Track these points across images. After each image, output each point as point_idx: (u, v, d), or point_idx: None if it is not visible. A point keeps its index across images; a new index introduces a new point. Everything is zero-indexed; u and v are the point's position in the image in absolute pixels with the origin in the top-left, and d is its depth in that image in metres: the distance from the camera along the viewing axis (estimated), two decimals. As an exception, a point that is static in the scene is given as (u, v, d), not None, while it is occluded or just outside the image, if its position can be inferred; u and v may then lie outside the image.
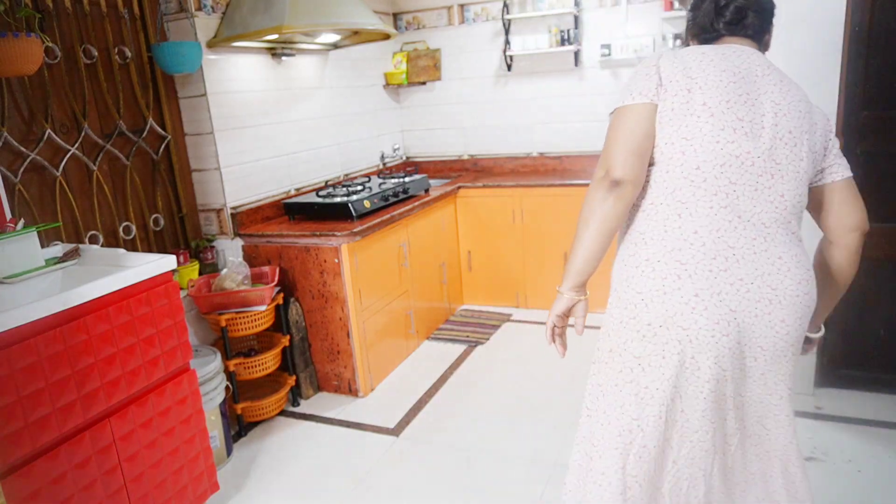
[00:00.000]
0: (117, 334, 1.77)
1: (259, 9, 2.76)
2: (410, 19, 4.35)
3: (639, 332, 1.35)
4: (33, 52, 1.96)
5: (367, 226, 2.90)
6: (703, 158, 1.29)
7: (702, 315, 1.28)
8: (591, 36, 3.90)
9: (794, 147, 1.30)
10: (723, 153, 1.28)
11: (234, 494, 2.33)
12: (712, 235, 1.29)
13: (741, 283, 1.28)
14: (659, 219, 1.34)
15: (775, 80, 1.33)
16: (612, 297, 1.45)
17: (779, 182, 1.30)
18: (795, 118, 1.31)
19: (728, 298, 1.28)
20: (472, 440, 2.58)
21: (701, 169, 1.29)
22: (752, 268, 1.28)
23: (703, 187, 1.29)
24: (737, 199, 1.29)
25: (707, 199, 1.29)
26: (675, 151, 1.31)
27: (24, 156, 2.25)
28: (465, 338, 3.61)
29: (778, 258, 1.30)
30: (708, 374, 1.31)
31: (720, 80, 1.30)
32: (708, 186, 1.29)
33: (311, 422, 2.83)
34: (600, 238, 1.36)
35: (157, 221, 2.78)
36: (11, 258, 1.88)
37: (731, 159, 1.28)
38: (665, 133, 1.32)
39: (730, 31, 1.41)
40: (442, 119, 4.45)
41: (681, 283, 1.29)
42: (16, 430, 1.52)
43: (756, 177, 1.29)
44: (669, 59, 1.34)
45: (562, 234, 3.78)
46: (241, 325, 2.63)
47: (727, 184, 1.28)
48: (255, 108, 3.11)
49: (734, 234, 1.29)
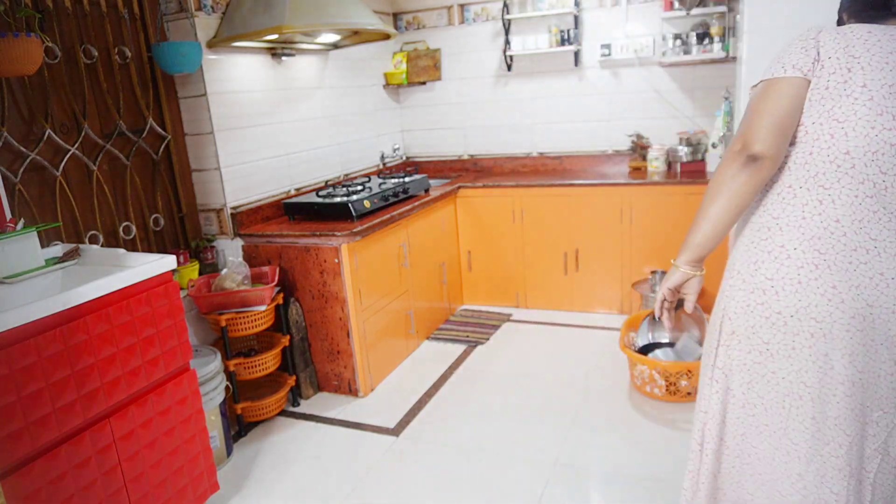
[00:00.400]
0: (117, 334, 1.77)
1: (259, 9, 2.76)
2: (410, 19, 4.35)
3: (768, 320, 1.30)
4: (33, 52, 1.96)
5: (367, 226, 2.90)
6: (855, 143, 1.22)
7: (838, 308, 1.23)
8: (591, 36, 3.90)
9: None
10: (877, 140, 1.21)
11: (234, 494, 2.33)
12: (854, 226, 1.22)
13: (881, 277, 1.22)
14: (797, 204, 1.28)
15: None
16: (736, 280, 1.38)
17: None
18: None
19: (866, 293, 1.22)
20: (472, 440, 2.58)
21: (850, 154, 1.22)
22: (894, 263, 1.22)
23: (850, 174, 1.22)
24: (885, 190, 1.22)
25: (853, 188, 1.23)
26: (822, 133, 1.25)
27: (24, 156, 2.25)
28: (465, 338, 3.61)
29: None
30: (843, 374, 1.25)
31: (886, 63, 1.21)
32: (856, 174, 1.22)
33: (311, 422, 2.83)
34: (727, 215, 1.31)
35: (157, 221, 2.78)
36: (11, 258, 1.88)
37: (886, 147, 1.21)
38: (814, 112, 1.26)
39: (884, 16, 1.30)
40: (442, 119, 4.45)
41: (818, 272, 1.24)
42: (16, 430, 1.52)
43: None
44: (832, 35, 1.26)
45: (562, 234, 3.78)
46: (241, 325, 2.63)
47: (877, 173, 1.21)
48: (255, 108, 3.11)
49: (878, 226, 1.22)
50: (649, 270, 3.59)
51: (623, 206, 3.59)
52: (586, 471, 2.32)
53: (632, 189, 3.55)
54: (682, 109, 3.82)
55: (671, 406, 2.69)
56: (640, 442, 2.46)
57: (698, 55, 3.54)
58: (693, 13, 3.49)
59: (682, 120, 3.83)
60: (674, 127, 3.84)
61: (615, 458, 2.38)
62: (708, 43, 3.52)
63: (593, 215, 3.67)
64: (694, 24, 3.63)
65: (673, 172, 3.68)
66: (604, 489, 2.23)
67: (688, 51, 3.59)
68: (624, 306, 3.77)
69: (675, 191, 3.45)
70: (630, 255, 3.66)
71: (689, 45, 3.58)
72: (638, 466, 2.31)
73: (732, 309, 1.37)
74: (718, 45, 3.47)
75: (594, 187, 3.64)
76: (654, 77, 3.83)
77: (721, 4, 3.45)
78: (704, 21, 3.59)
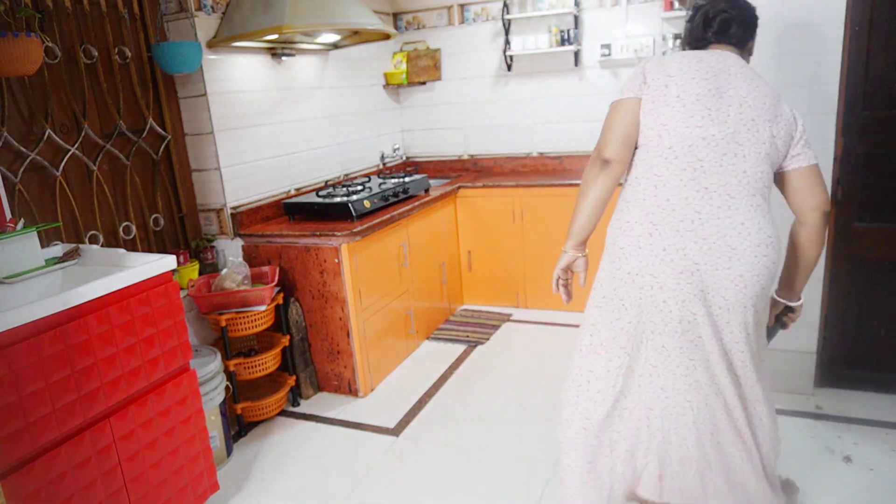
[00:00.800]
0: (117, 334, 1.77)
1: (259, 9, 2.76)
2: (410, 19, 4.35)
3: (622, 280, 1.65)
4: (33, 52, 1.96)
5: (367, 226, 2.90)
6: (675, 140, 1.57)
7: (668, 266, 1.57)
8: (591, 36, 3.90)
9: (756, 132, 1.55)
10: (691, 136, 1.56)
11: (234, 494, 2.33)
12: (681, 203, 1.56)
13: (704, 241, 1.55)
14: (639, 189, 1.63)
15: (746, 77, 1.58)
16: (604, 254, 1.74)
17: (741, 160, 1.55)
18: (759, 108, 1.55)
19: (692, 254, 1.55)
20: (472, 440, 2.58)
21: (672, 148, 1.58)
22: (716, 230, 1.54)
23: (674, 163, 1.57)
24: (703, 173, 1.56)
25: (678, 173, 1.57)
26: (653, 135, 1.60)
27: (24, 156, 2.25)
28: (465, 338, 3.61)
29: (740, 224, 1.54)
30: (677, 315, 1.59)
31: (693, 77, 1.58)
32: (679, 163, 1.57)
33: (311, 422, 2.83)
34: (593, 206, 1.69)
35: (157, 221, 2.78)
36: (11, 258, 1.88)
37: (699, 140, 1.56)
38: (647, 121, 1.62)
39: (717, 40, 1.69)
40: (442, 119, 4.45)
41: (652, 240, 1.58)
42: (16, 430, 1.52)
43: (720, 156, 1.55)
44: (654, 63, 1.64)
45: (562, 234, 3.74)
46: (241, 325, 2.63)
47: (695, 160, 1.56)
48: (255, 108, 3.11)
49: (701, 202, 1.55)
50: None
51: (623, 206, 3.59)
52: (586, 471, 2.32)
53: (632, 189, 3.55)
54: (682, 109, 3.82)
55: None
56: (640, 442, 2.46)
57: (698, 55, 3.54)
58: (693, 13, 3.49)
59: (682, 120, 3.82)
60: (674, 127, 3.83)
61: (615, 458, 2.37)
62: (708, 43, 3.52)
63: (593, 215, 3.67)
64: (694, 24, 3.63)
65: (673, 172, 3.68)
66: (604, 489, 2.22)
67: (687, 51, 3.59)
68: (624, 306, 3.76)
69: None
70: (630, 255, 3.65)
71: (689, 45, 3.58)
72: (638, 466, 2.31)
73: (601, 276, 1.75)
74: (718, 45, 3.47)
75: (594, 187, 3.64)
76: (654, 77, 3.83)
77: (721, 4, 3.44)
78: (704, 21, 3.59)
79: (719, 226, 1.54)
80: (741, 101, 1.56)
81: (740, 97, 1.56)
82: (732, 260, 1.54)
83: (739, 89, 1.57)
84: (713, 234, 1.54)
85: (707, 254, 1.54)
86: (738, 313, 1.57)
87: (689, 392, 1.66)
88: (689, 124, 1.56)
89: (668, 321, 1.61)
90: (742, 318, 1.58)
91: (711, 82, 1.57)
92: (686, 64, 1.60)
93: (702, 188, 1.55)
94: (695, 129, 1.55)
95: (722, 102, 1.56)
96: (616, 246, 1.66)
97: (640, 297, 1.62)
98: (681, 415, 1.69)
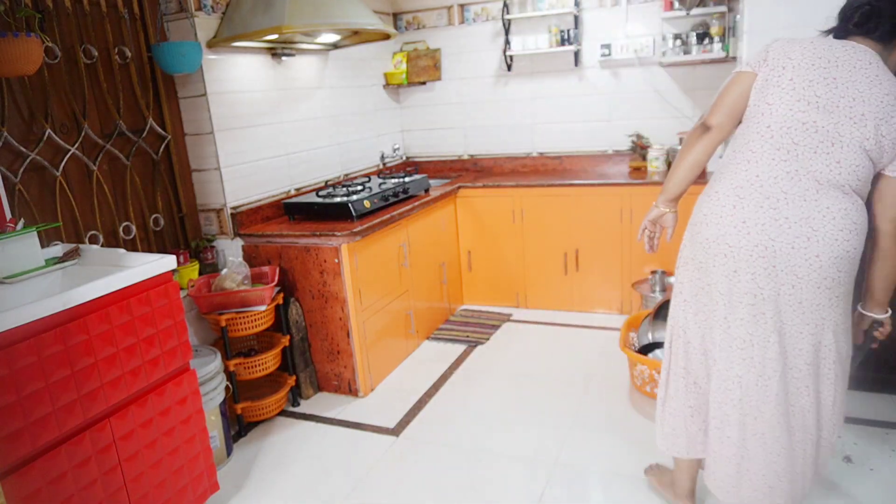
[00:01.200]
0: (117, 334, 1.77)
1: (259, 9, 2.76)
2: (410, 19, 4.35)
3: (700, 245, 1.72)
4: (33, 52, 1.96)
5: (367, 226, 2.90)
6: (774, 120, 1.61)
7: (744, 237, 1.62)
8: (591, 36, 3.90)
9: (861, 127, 1.55)
10: (792, 119, 1.59)
11: (234, 494, 2.33)
12: (770, 181, 1.61)
13: (786, 220, 1.58)
14: (733, 163, 1.70)
15: (871, 73, 1.57)
16: (690, 218, 1.81)
17: (838, 150, 1.57)
18: (873, 105, 1.55)
19: (770, 230, 1.59)
20: (472, 440, 2.58)
21: (770, 128, 1.62)
22: (799, 211, 1.57)
23: (770, 143, 1.62)
24: (796, 157, 1.59)
25: (771, 153, 1.62)
26: (757, 112, 1.65)
27: (24, 156, 2.25)
28: (465, 338, 3.61)
29: (826, 208, 1.57)
30: (746, 287, 1.64)
31: (813, 64, 1.59)
32: (773, 142, 1.61)
33: (311, 422, 2.83)
34: (688, 168, 1.76)
35: (157, 221, 2.78)
36: (11, 258, 1.88)
37: (798, 125, 1.58)
38: (755, 97, 1.66)
39: (857, 32, 1.65)
40: (442, 119, 4.45)
41: (735, 211, 1.64)
42: (16, 430, 1.52)
43: (817, 142, 1.57)
44: (781, 43, 1.66)
45: (562, 234, 3.78)
46: (241, 325, 2.63)
47: (790, 143, 1.59)
48: (255, 108, 3.11)
49: (789, 182, 1.59)
50: (649, 270, 3.59)
51: (623, 206, 3.59)
52: (586, 471, 2.32)
53: (632, 189, 3.55)
54: (682, 109, 3.82)
55: (671, 406, 2.69)
56: (640, 442, 2.46)
57: (698, 55, 3.54)
58: (693, 13, 3.49)
59: (682, 120, 3.83)
60: (674, 127, 3.84)
61: (615, 458, 2.38)
62: (708, 43, 3.52)
63: (593, 215, 3.67)
64: (694, 24, 3.63)
65: (673, 172, 3.67)
66: (604, 489, 2.23)
67: (688, 51, 3.59)
68: (624, 306, 3.77)
69: (675, 191, 3.45)
70: (630, 255, 3.66)
71: (689, 46, 3.58)
72: (638, 466, 2.31)
73: (685, 240, 1.83)
74: (718, 45, 3.47)
75: (594, 187, 3.65)
76: (654, 77, 3.83)
77: (721, 4, 3.45)
78: (704, 21, 3.59)
79: (804, 208, 1.57)
80: (855, 96, 1.55)
81: (856, 91, 1.56)
82: (811, 241, 1.56)
83: (857, 83, 1.56)
84: (795, 215, 1.57)
85: (786, 233, 1.58)
86: (811, 293, 1.59)
87: (741, 365, 1.70)
88: (793, 108, 1.59)
89: (734, 292, 1.66)
90: (817, 300, 1.60)
91: (829, 71, 1.58)
92: (811, 50, 1.61)
93: (792, 170, 1.59)
94: (798, 113, 1.58)
95: (834, 93, 1.56)
96: (701, 213, 1.74)
97: (714, 265, 1.69)
98: (728, 389, 1.73)
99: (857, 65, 1.58)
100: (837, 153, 1.56)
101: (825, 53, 1.60)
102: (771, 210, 1.59)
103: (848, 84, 1.57)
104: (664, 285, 3.46)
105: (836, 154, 1.56)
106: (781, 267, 1.59)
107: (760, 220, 1.60)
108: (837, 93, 1.56)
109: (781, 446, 1.69)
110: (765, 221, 1.59)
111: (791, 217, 1.58)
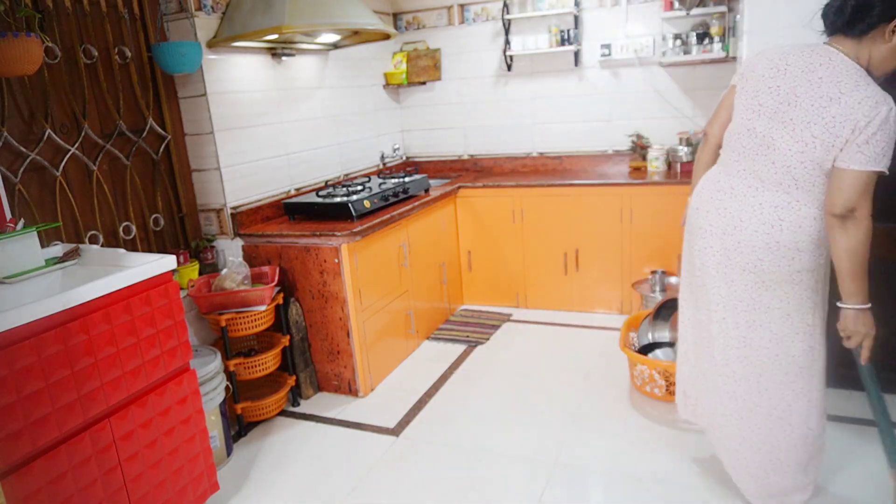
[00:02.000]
0: (117, 334, 1.77)
1: (259, 9, 2.76)
2: (410, 19, 4.35)
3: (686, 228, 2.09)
4: (33, 52, 1.96)
5: (367, 226, 2.90)
6: (734, 127, 1.90)
7: (695, 222, 1.99)
8: (591, 36, 3.90)
9: (790, 131, 1.72)
10: (742, 126, 1.85)
11: (234, 494, 2.33)
12: (725, 178, 1.91)
13: (726, 210, 1.87)
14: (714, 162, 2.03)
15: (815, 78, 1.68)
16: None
17: (772, 152, 1.77)
18: (804, 110, 1.69)
19: (712, 217, 1.91)
20: (472, 440, 2.58)
21: (730, 133, 1.91)
22: (737, 204, 1.85)
23: (729, 146, 1.92)
24: (745, 158, 1.85)
25: (728, 154, 1.92)
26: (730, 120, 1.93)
27: (24, 156, 2.25)
28: (465, 338, 3.61)
29: (759, 204, 1.80)
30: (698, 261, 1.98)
31: (763, 75, 1.79)
32: (731, 146, 1.90)
33: (311, 422, 2.83)
34: (696, 169, 2.12)
35: (157, 221, 2.78)
36: (11, 258, 1.88)
37: (745, 131, 1.84)
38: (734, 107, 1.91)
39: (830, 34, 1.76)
40: (442, 119, 4.45)
41: (697, 200, 1.98)
42: (16, 430, 1.52)
43: (756, 146, 1.81)
44: (755, 55, 1.86)
45: (562, 234, 3.78)
46: (241, 325, 2.63)
47: (740, 147, 1.86)
48: (255, 108, 3.11)
49: (737, 179, 1.87)
50: (649, 270, 3.59)
51: (623, 206, 3.59)
52: (586, 471, 2.32)
53: (632, 189, 3.55)
54: (682, 109, 3.82)
55: (671, 406, 2.69)
56: (640, 442, 2.46)
57: (698, 55, 3.54)
58: (693, 13, 3.49)
59: (682, 120, 3.83)
60: (674, 127, 3.84)
61: (615, 458, 2.38)
62: (708, 43, 3.52)
63: (593, 215, 3.67)
64: (694, 24, 3.63)
65: (673, 172, 3.68)
66: (604, 489, 2.23)
67: (688, 51, 3.58)
68: (624, 306, 3.77)
69: (675, 191, 3.44)
70: (630, 255, 3.66)
71: (689, 45, 3.57)
72: (638, 466, 2.31)
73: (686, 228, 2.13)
74: (718, 45, 3.47)
75: (594, 187, 3.64)
76: (654, 77, 3.83)
77: (721, 4, 3.45)
78: (704, 21, 3.59)
79: (742, 202, 1.83)
80: (791, 101, 1.71)
81: (793, 97, 1.71)
82: (738, 230, 1.83)
83: (798, 89, 1.70)
84: (733, 207, 1.85)
85: (722, 221, 1.87)
86: (737, 273, 1.86)
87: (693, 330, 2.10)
88: (743, 116, 1.84)
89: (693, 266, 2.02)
90: (725, 280, 1.89)
91: (776, 80, 1.75)
92: (768, 60, 1.79)
93: (742, 169, 1.85)
94: (745, 120, 1.83)
95: (774, 100, 1.75)
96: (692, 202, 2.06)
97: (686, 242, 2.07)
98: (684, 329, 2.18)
99: (805, 69, 1.70)
100: (772, 155, 1.77)
101: (779, 62, 1.76)
102: (717, 202, 1.90)
103: (788, 91, 1.72)
104: (664, 285, 3.46)
105: (771, 156, 1.77)
106: (717, 247, 1.90)
107: (712, 209, 1.91)
108: (777, 100, 1.74)
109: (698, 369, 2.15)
110: (709, 210, 1.91)
111: (729, 208, 1.86)
